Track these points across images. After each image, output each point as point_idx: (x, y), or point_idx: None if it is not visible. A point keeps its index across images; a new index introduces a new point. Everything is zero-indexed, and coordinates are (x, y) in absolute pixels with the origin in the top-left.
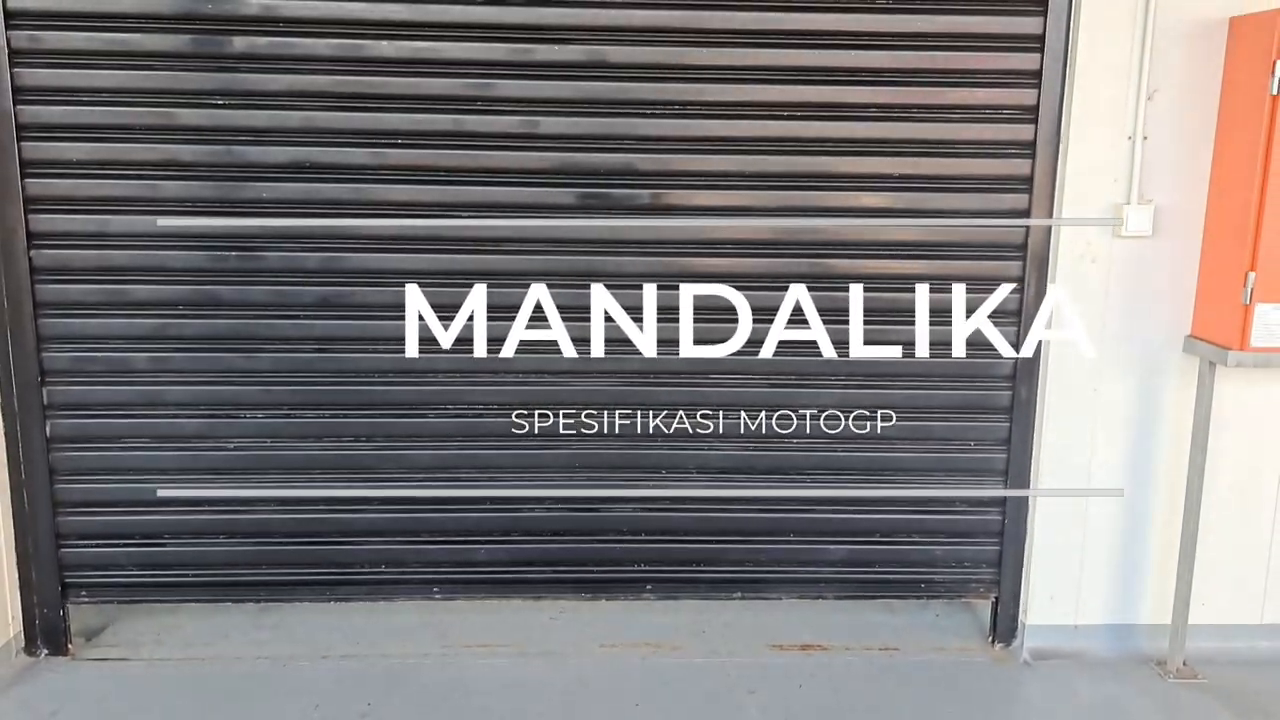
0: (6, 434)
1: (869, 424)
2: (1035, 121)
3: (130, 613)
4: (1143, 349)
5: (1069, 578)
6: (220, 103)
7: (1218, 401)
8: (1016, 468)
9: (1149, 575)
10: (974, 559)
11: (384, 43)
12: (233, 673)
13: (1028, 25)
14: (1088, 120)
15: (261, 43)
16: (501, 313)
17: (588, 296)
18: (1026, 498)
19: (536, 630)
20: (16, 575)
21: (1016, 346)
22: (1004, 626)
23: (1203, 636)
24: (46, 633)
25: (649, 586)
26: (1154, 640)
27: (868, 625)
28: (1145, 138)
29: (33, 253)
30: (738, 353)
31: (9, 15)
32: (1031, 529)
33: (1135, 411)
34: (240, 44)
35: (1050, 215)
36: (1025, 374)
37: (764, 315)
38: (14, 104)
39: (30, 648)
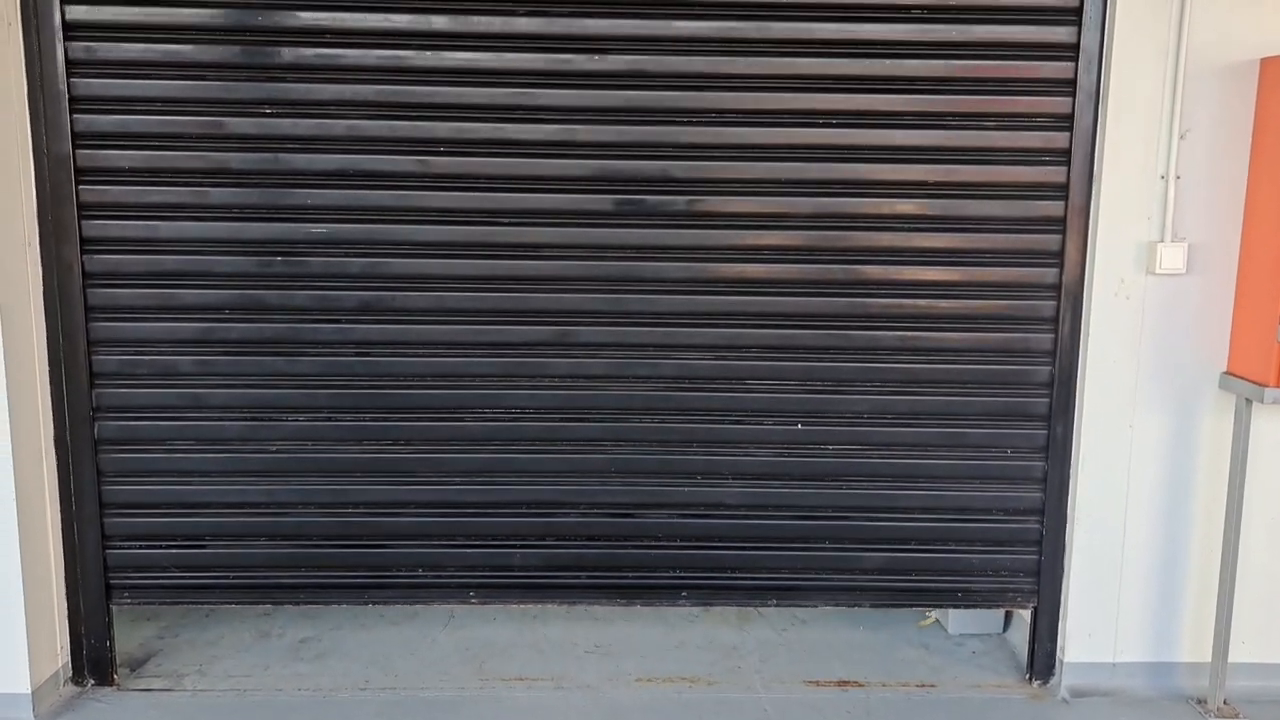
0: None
1: (904, 429)
2: (1068, 163)
3: (173, 644)
4: (1178, 385)
5: (1107, 614)
6: (269, 111)
7: (1254, 438)
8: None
9: (1187, 612)
10: (1011, 568)
11: (427, 53)
12: (276, 703)
13: (1060, 70)
14: (1120, 160)
15: (308, 54)
16: (539, 318)
17: (625, 301)
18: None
19: (573, 662)
20: (66, 606)
21: (1051, 386)
22: (1041, 663)
23: (1243, 675)
24: (94, 663)
25: (684, 593)
26: (1193, 678)
27: (904, 661)
28: (1178, 177)
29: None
30: (773, 358)
31: (71, 65)
32: (1069, 563)
33: (1171, 448)
34: (288, 55)
35: (1083, 253)
36: (1061, 410)
37: (800, 321)
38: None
39: (78, 678)
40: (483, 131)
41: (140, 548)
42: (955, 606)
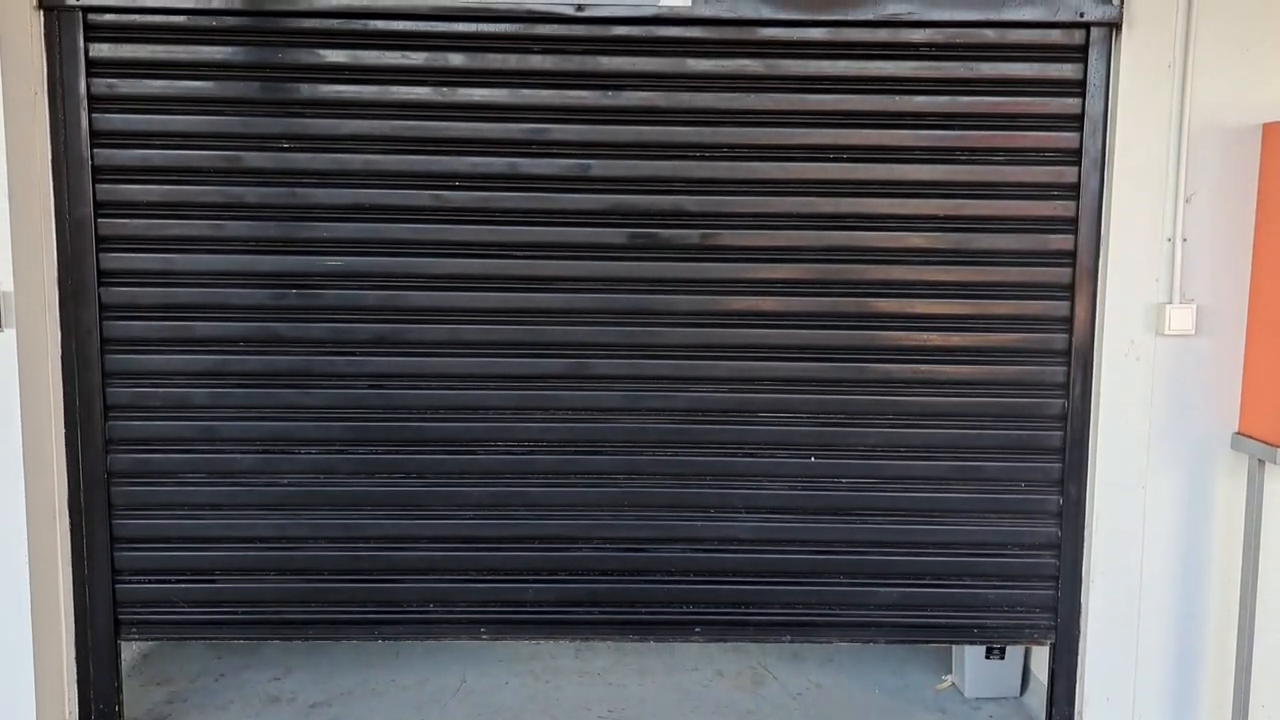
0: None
1: (918, 463)
2: (1075, 231)
3: (182, 710)
4: (1190, 446)
5: (1124, 678)
6: (286, 146)
7: (1269, 498)
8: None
9: (1206, 674)
10: (1028, 603)
11: (444, 89)
12: None
13: (1066, 140)
14: (1126, 225)
15: (327, 90)
16: (553, 350)
17: (638, 334)
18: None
19: None
20: (75, 670)
21: (1064, 451)
22: None
23: None
24: None
25: (697, 629)
26: None
27: None
28: (1185, 239)
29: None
30: (785, 391)
31: (95, 135)
32: (1085, 625)
33: (1185, 509)
34: (306, 91)
35: (1093, 316)
36: (1074, 472)
37: (812, 353)
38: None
39: None
40: (497, 166)
41: (149, 582)
42: (971, 642)
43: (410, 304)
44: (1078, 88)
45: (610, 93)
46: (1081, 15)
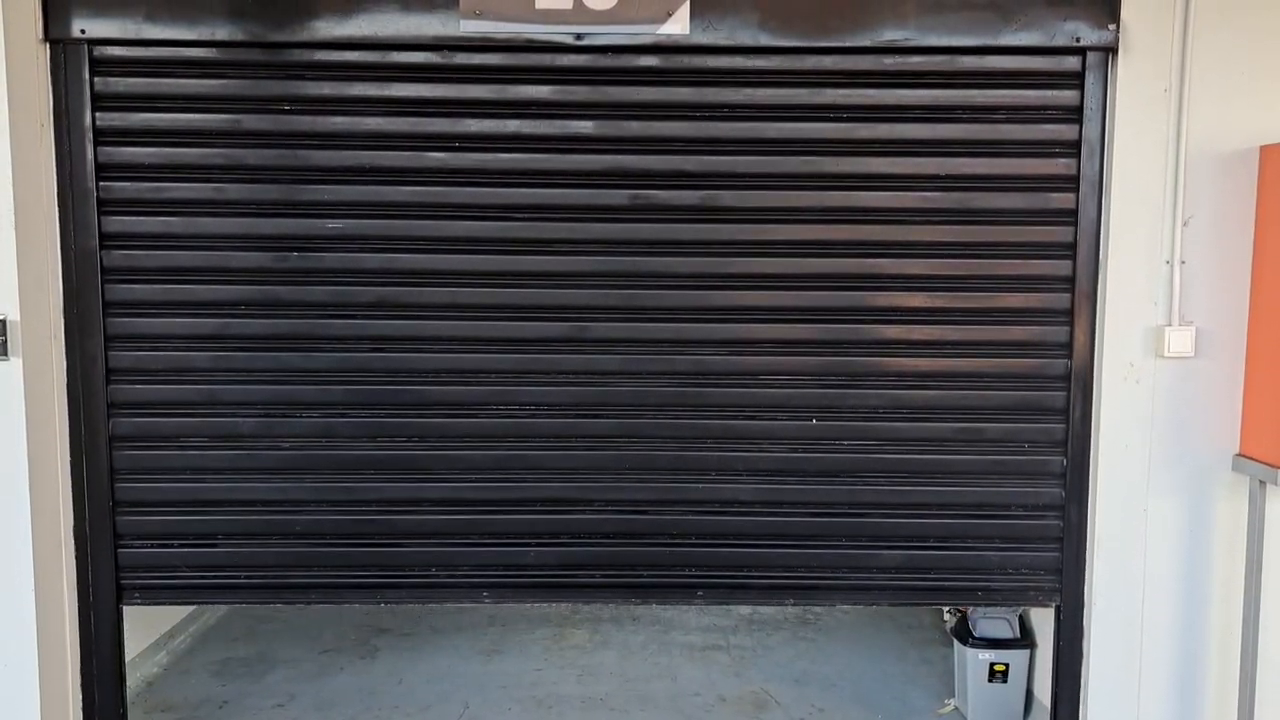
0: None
1: (920, 424)
2: (1074, 258)
3: None
4: (1191, 468)
5: (1128, 702)
6: (287, 109)
7: (1270, 520)
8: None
9: (1209, 698)
10: (1032, 565)
11: (445, 52)
12: None
13: (1063, 167)
14: (1124, 248)
15: (325, 56)
16: (554, 313)
17: (638, 297)
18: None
19: None
20: (81, 698)
21: (1064, 476)
22: None
23: None
24: None
25: (700, 592)
26: None
27: None
28: (1183, 262)
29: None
30: (786, 353)
31: (100, 169)
32: (1087, 655)
33: (1187, 532)
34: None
35: (1092, 339)
36: (1075, 496)
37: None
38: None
39: None
40: (497, 128)
41: (151, 547)
42: (975, 604)
43: (411, 267)
44: (1074, 113)
45: (610, 55)
46: (1078, 40)
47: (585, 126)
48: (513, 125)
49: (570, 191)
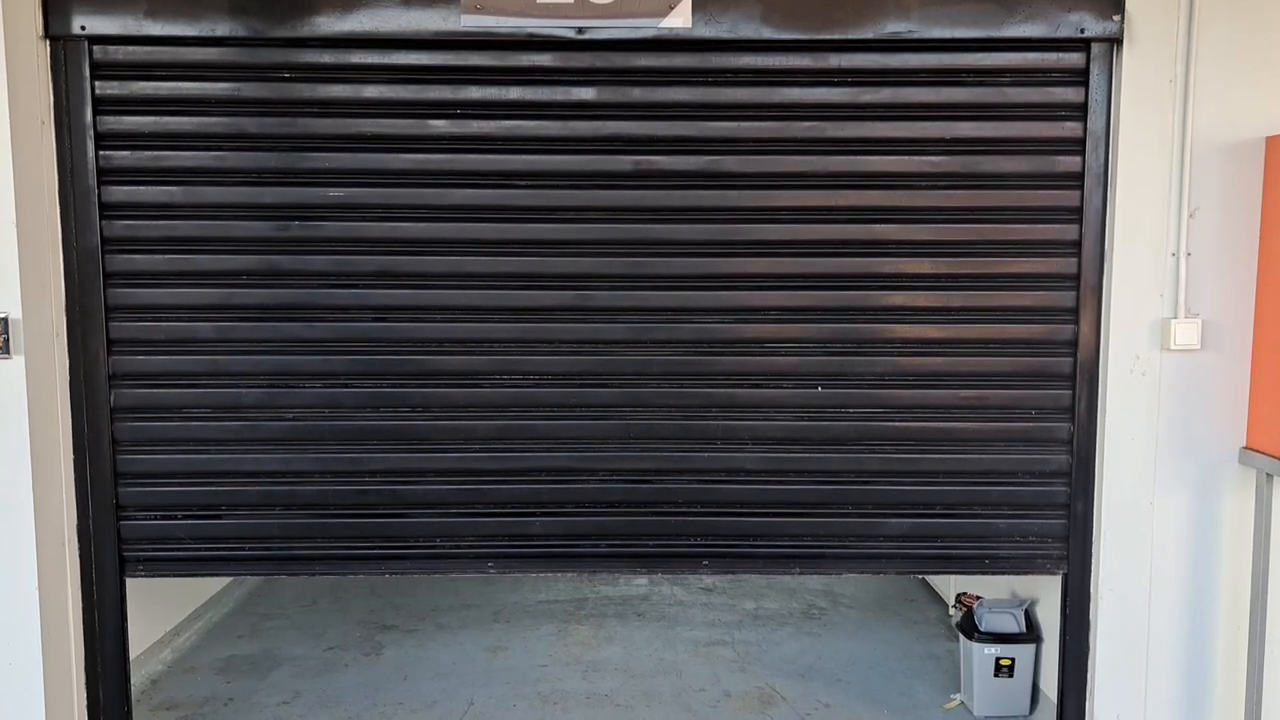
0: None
1: (926, 392)
2: (1078, 256)
3: None
4: (1198, 461)
5: (1135, 695)
6: (288, 76)
7: (1277, 513)
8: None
9: (1217, 692)
10: (1039, 533)
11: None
12: None
13: (1068, 164)
14: (1130, 240)
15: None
16: (557, 282)
17: (642, 264)
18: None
19: None
20: (85, 697)
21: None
22: None
23: None
24: None
25: (705, 561)
26: None
27: None
28: (1189, 254)
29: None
30: (791, 320)
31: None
32: (1094, 647)
33: (1194, 525)
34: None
35: (1098, 331)
36: (1080, 489)
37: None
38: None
39: None
40: (500, 95)
41: (154, 519)
42: (982, 573)
43: (413, 235)
44: (1078, 107)
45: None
46: (1082, 31)
47: (587, 93)
48: (515, 92)
49: (573, 158)
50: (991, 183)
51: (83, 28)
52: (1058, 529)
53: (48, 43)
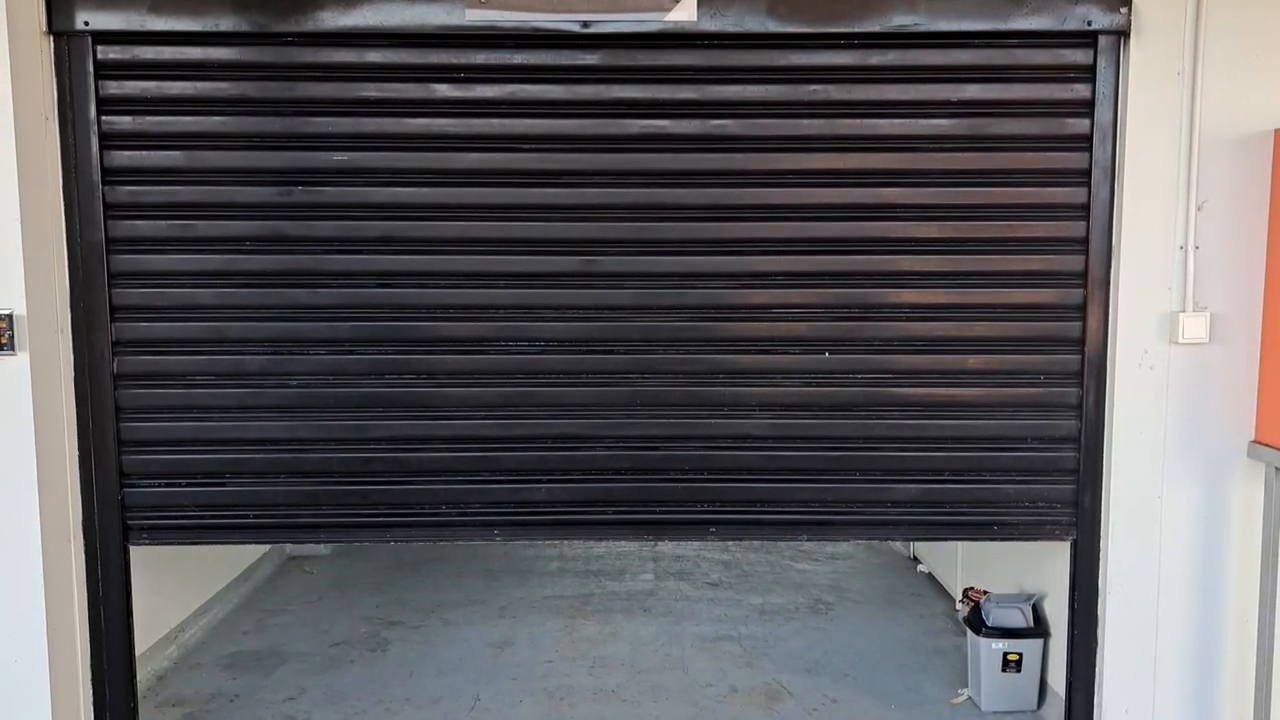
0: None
1: (934, 357)
2: (1086, 252)
3: None
4: (1206, 455)
5: (1143, 689)
6: (290, 40)
7: None
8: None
9: (1226, 686)
10: (1049, 498)
11: None
12: None
13: (1075, 160)
14: (1138, 233)
15: None
16: (562, 247)
17: (648, 229)
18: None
19: None
20: (91, 693)
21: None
22: None
23: None
24: None
25: (712, 528)
26: None
27: None
28: (1197, 247)
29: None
30: (799, 286)
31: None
32: (1102, 641)
33: (1202, 518)
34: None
35: (1106, 325)
36: (1089, 481)
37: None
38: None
39: None
40: (515, 59)
41: (158, 486)
42: (991, 539)
43: (418, 200)
44: (1085, 103)
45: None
46: (1089, 24)
47: (591, 58)
48: (519, 57)
49: (578, 122)
50: (1001, 146)
51: (86, 23)
52: (1067, 494)
53: (51, 38)
